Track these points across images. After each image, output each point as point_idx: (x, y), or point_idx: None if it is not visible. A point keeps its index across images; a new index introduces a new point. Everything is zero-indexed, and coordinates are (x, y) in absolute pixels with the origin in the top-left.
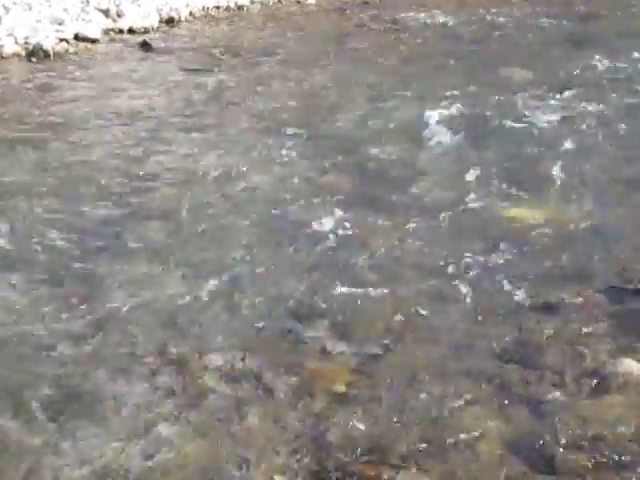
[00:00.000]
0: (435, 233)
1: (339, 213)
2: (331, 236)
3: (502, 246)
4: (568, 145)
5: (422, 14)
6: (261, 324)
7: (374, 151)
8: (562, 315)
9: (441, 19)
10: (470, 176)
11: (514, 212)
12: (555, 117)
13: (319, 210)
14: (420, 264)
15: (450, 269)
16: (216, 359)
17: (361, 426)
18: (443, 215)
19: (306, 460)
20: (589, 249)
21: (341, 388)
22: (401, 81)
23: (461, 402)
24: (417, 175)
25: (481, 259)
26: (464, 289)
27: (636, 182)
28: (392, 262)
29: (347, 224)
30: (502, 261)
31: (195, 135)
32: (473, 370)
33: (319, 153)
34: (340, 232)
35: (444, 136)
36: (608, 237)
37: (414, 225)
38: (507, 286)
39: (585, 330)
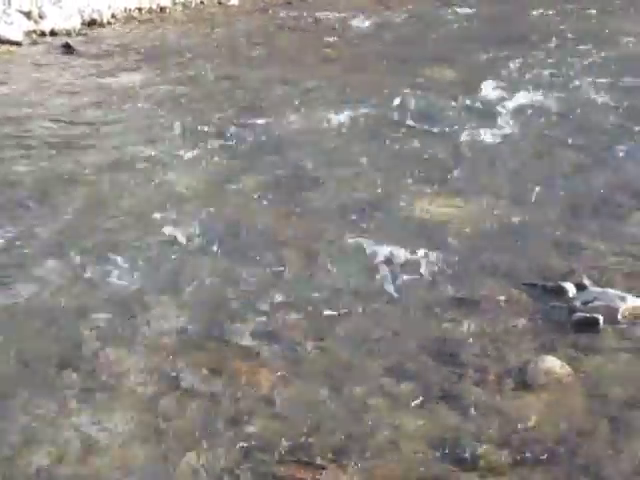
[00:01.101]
0: (356, 231)
1: (253, 213)
2: (253, 236)
3: (423, 244)
4: (487, 143)
5: (344, 15)
6: (185, 325)
7: (294, 151)
8: (484, 312)
9: (363, 19)
10: (390, 174)
11: (435, 210)
12: (474, 115)
13: (235, 210)
14: (343, 262)
15: (371, 267)
16: (138, 360)
17: (284, 426)
18: (363, 214)
19: (227, 461)
20: (510, 246)
21: (264, 388)
22: (324, 81)
23: (383, 400)
24: (336, 174)
25: (402, 257)
26: (386, 287)
27: (555, 179)
28: (312, 262)
29: (264, 223)
30: (423, 259)
31: (115, 137)
32: (395, 368)
33: (239, 154)
34: (261, 232)
35: (364, 134)
36: (528, 234)
37: (333, 225)
38: (428, 283)
39: (507, 327)
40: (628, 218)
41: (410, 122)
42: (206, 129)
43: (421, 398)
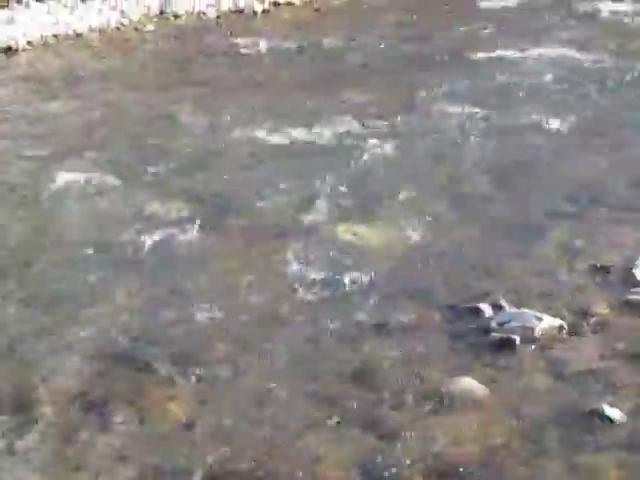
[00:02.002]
0: (277, 255)
1: (177, 234)
2: (176, 256)
3: (341, 267)
4: (405, 166)
5: (261, 39)
6: (101, 350)
7: (210, 175)
8: (401, 335)
9: (279, 44)
10: (308, 198)
11: (353, 233)
12: (391, 138)
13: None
14: (263, 285)
15: (291, 291)
16: (54, 387)
17: (202, 453)
18: (284, 237)
19: None
20: (428, 268)
21: (182, 415)
22: (239, 105)
23: (302, 426)
24: (255, 198)
25: (321, 281)
26: (305, 311)
27: (472, 200)
28: (231, 284)
29: (188, 244)
30: (342, 281)
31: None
32: (313, 393)
33: (157, 180)
34: (184, 253)
35: (282, 159)
36: (446, 255)
37: (254, 248)
38: (346, 308)
39: (424, 350)
40: (544, 238)
41: (329, 145)
42: (120, 156)
43: (339, 423)
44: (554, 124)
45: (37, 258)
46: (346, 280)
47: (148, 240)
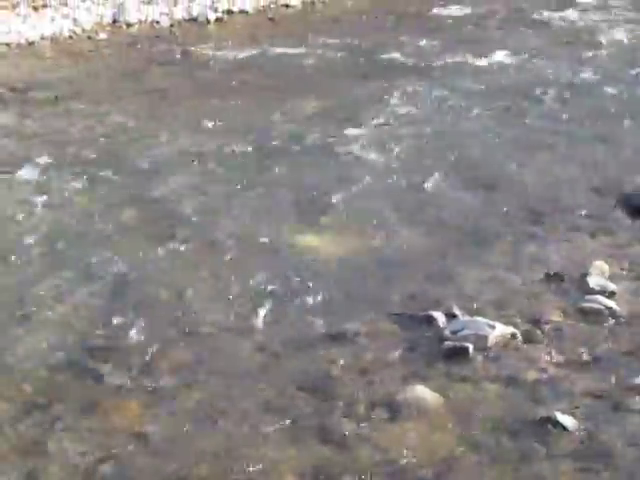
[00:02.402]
0: (226, 265)
1: (125, 245)
2: (125, 270)
3: (295, 276)
4: (358, 175)
5: (213, 48)
6: (54, 360)
7: (161, 183)
8: (354, 344)
9: (233, 53)
10: (261, 206)
11: (306, 241)
12: (342, 146)
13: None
14: (210, 297)
15: (242, 300)
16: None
17: (157, 463)
18: (234, 246)
19: None
20: (381, 277)
21: (137, 425)
22: (194, 114)
23: (255, 435)
24: (205, 207)
25: (274, 290)
26: (256, 320)
27: (425, 208)
28: (180, 296)
29: (135, 256)
30: (294, 291)
31: None
32: (267, 402)
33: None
34: (132, 265)
35: (232, 168)
36: (399, 264)
37: (203, 259)
38: (299, 316)
39: (377, 358)
40: (497, 246)
41: (280, 153)
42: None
43: (292, 432)
44: (508, 131)
45: None
46: (300, 289)
47: (99, 250)
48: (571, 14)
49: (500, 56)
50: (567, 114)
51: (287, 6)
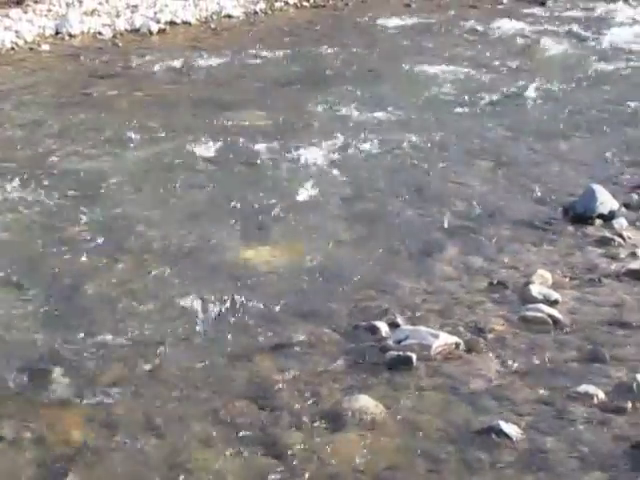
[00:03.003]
0: (172, 278)
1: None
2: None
3: (239, 288)
4: (301, 186)
5: (156, 59)
6: None
7: (106, 199)
8: (298, 355)
9: (175, 64)
10: (203, 220)
11: (251, 255)
12: (289, 159)
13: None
14: (155, 310)
15: (186, 313)
16: None
17: (97, 475)
18: (177, 260)
19: None
20: (325, 288)
21: (78, 437)
22: (136, 125)
23: (199, 446)
24: (149, 217)
25: (218, 302)
26: (200, 331)
27: (368, 220)
28: (125, 310)
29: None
30: (238, 303)
31: None
32: (210, 414)
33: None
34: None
35: (172, 181)
36: (342, 275)
37: (146, 273)
38: (243, 328)
39: (321, 369)
40: (438, 256)
41: (224, 164)
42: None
43: (236, 443)
44: (451, 142)
45: None
46: (244, 301)
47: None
48: (515, 25)
49: (443, 66)
50: (508, 125)
51: (229, 17)
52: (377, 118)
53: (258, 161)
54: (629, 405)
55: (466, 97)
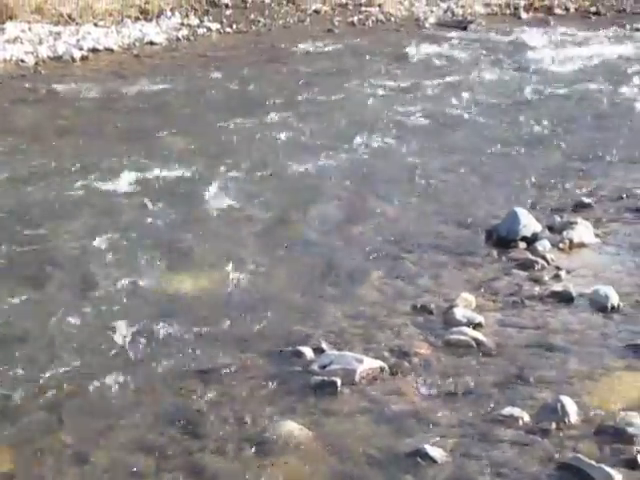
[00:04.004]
0: (95, 305)
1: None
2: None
3: (164, 314)
4: (225, 212)
5: (79, 86)
6: None
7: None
8: (223, 381)
9: (98, 91)
10: (130, 247)
11: (174, 281)
12: (210, 185)
13: None
14: (75, 339)
15: (110, 340)
16: None
17: None
18: (100, 289)
19: None
20: (250, 314)
21: (6, 468)
22: (56, 152)
23: (124, 474)
24: (64, 249)
25: (142, 329)
26: (125, 359)
27: (292, 245)
28: (49, 337)
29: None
30: (163, 330)
31: None
32: (136, 440)
33: None
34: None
35: (94, 208)
36: (268, 301)
37: (62, 300)
38: (167, 355)
39: (246, 395)
40: (363, 280)
41: (145, 192)
42: None
43: (162, 469)
44: (373, 166)
45: None
46: (168, 328)
47: None
48: (438, 49)
49: (365, 89)
50: (431, 148)
51: (152, 43)
52: (300, 142)
53: (180, 187)
54: (553, 426)
55: (389, 121)
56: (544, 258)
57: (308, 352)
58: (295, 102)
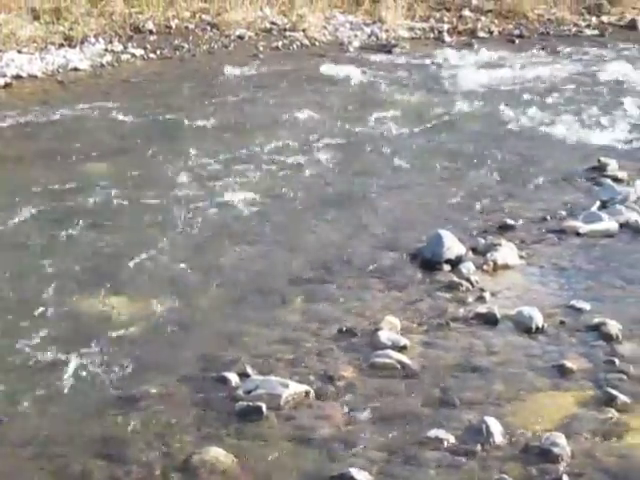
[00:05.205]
0: (17, 331)
1: None
2: None
3: (87, 340)
4: (145, 239)
5: (0, 114)
6: None
7: None
8: (148, 408)
9: (21, 119)
10: (47, 273)
11: (96, 306)
12: (134, 210)
13: None
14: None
15: (34, 368)
16: None
17: None
18: (24, 314)
19: None
20: (174, 339)
21: None
22: None
23: None
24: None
25: (67, 355)
26: (48, 387)
27: (217, 270)
28: None
29: None
30: (87, 356)
31: None
32: (59, 470)
33: None
34: None
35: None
36: (192, 326)
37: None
38: (90, 382)
39: (170, 421)
40: (289, 305)
41: (69, 220)
42: None
43: None
44: (296, 190)
45: None
46: (90, 354)
47: None
48: (362, 72)
49: (289, 113)
50: (355, 170)
51: (76, 69)
52: (223, 168)
53: (105, 212)
54: (479, 448)
55: (314, 144)
56: (468, 280)
57: (233, 377)
58: (217, 128)
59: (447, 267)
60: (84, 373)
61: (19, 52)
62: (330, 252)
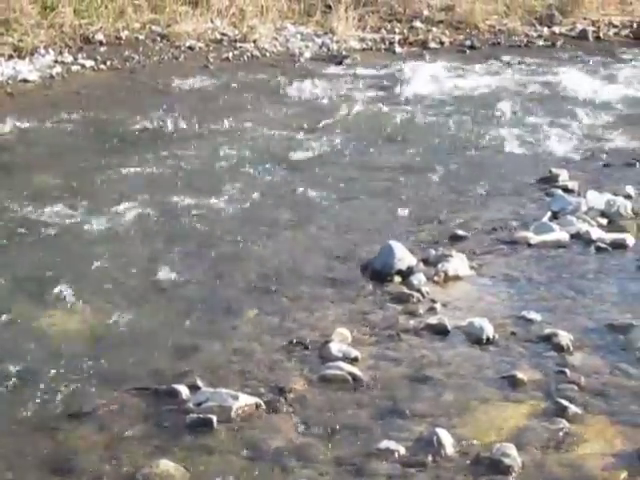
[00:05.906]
0: None
1: None
2: None
3: (34, 354)
4: (92, 252)
5: None
6: None
7: None
8: (96, 421)
9: None
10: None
11: (42, 320)
12: (80, 223)
13: None
14: None
15: None
16: None
17: None
18: None
19: None
20: (123, 352)
21: None
22: None
23: None
24: None
25: (13, 369)
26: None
27: (166, 283)
28: None
29: None
30: (34, 370)
31: None
32: None
33: None
34: None
35: None
36: (141, 339)
37: None
38: (40, 396)
39: (120, 435)
40: (238, 317)
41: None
42: None
43: None
44: (245, 203)
45: None
46: (40, 368)
47: None
48: (314, 84)
49: (241, 125)
50: (305, 182)
51: (26, 81)
52: (173, 181)
53: (49, 225)
54: (430, 459)
55: (261, 156)
56: (419, 291)
57: (183, 390)
58: (167, 139)
59: (398, 278)
60: (30, 386)
61: None
62: (281, 264)
